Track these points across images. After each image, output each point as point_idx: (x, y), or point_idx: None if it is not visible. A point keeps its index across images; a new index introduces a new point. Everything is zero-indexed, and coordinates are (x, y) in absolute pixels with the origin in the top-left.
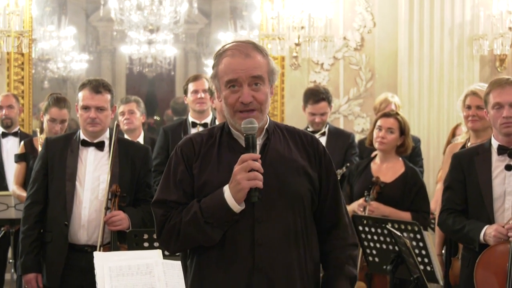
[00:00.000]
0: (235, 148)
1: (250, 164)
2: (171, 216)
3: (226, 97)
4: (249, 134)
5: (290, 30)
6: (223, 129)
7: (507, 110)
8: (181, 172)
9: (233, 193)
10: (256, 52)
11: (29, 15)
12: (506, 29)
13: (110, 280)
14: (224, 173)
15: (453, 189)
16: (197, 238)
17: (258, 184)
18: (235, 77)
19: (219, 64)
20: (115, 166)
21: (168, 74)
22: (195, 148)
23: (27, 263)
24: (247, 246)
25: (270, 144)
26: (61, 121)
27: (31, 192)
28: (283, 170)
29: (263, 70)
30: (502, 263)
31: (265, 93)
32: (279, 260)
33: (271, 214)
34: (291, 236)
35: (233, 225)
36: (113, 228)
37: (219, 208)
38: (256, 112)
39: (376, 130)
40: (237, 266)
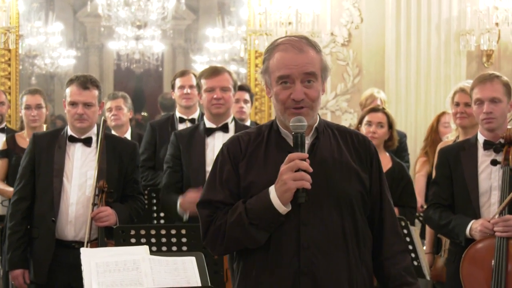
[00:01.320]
0: (283, 147)
1: (297, 163)
2: (217, 217)
3: (277, 93)
4: (297, 133)
5: (277, 25)
6: (271, 127)
7: (487, 106)
8: (227, 171)
9: (279, 194)
10: (310, 47)
11: (16, 11)
12: (493, 24)
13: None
14: (271, 173)
15: (439, 184)
16: (242, 240)
17: (305, 184)
18: (287, 73)
19: (270, 59)
20: (102, 162)
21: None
22: (241, 147)
23: (14, 259)
24: (293, 249)
25: (320, 143)
26: (36, 106)
27: (18, 188)
28: (333, 171)
29: (316, 67)
30: (488, 258)
31: (317, 90)
32: (325, 264)
33: (318, 216)
34: (339, 240)
35: (279, 227)
36: (100, 224)
37: (265, 209)
38: (307, 109)
39: (366, 125)
40: (282, 269)
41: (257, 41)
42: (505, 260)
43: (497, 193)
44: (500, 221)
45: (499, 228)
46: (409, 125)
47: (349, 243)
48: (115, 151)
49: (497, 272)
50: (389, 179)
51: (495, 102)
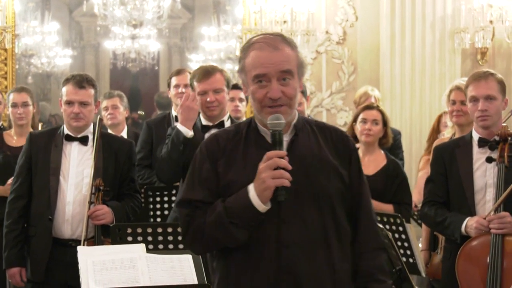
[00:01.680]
0: (262, 145)
1: (276, 161)
2: (196, 217)
3: (254, 92)
4: (275, 130)
5: (272, 24)
6: (250, 125)
7: (482, 103)
8: (206, 170)
9: (258, 192)
10: (285, 44)
11: (12, 11)
12: (487, 22)
13: (93, 274)
14: (250, 171)
15: (434, 182)
16: (222, 239)
17: (284, 182)
18: (263, 72)
19: (246, 58)
20: (98, 160)
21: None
22: (220, 145)
23: (11, 257)
24: (273, 248)
25: (299, 140)
26: (22, 104)
27: (15, 186)
28: (312, 168)
29: (292, 64)
30: (483, 255)
31: (294, 87)
32: (307, 262)
33: (298, 214)
34: (320, 237)
35: (259, 225)
36: (97, 222)
37: (244, 207)
38: (285, 107)
39: (361, 123)
40: (263, 268)
41: None
42: (500, 257)
43: (492, 190)
44: (496, 218)
45: (495, 225)
46: (403, 122)
47: (330, 240)
48: (111, 150)
49: (493, 269)
50: (384, 177)
51: (490, 99)
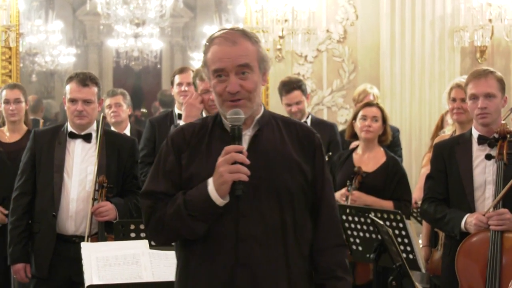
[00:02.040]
0: (225, 139)
1: (233, 156)
2: (158, 208)
3: (214, 86)
4: (234, 125)
5: (274, 23)
6: (215, 119)
7: (481, 101)
8: (170, 162)
9: (216, 186)
10: (244, 39)
11: (16, 10)
12: (486, 21)
13: (97, 270)
14: (212, 165)
15: (434, 179)
16: (181, 231)
17: (241, 177)
18: (221, 66)
19: (207, 53)
20: (102, 157)
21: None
22: (186, 138)
23: (16, 254)
24: (231, 241)
25: (262, 135)
26: (15, 100)
27: (19, 183)
28: (274, 163)
29: (251, 58)
30: (483, 251)
31: (253, 81)
32: (263, 256)
33: (257, 209)
34: (278, 232)
35: (218, 219)
36: (100, 219)
37: (203, 201)
38: (244, 101)
39: (361, 120)
40: (220, 261)
41: None
42: (499, 253)
43: (492, 187)
44: (495, 215)
45: (494, 222)
46: (403, 120)
47: (288, 236)
48: (115, 147)
49: (492, 265)
50: (384, 173)
51: (490, 97)
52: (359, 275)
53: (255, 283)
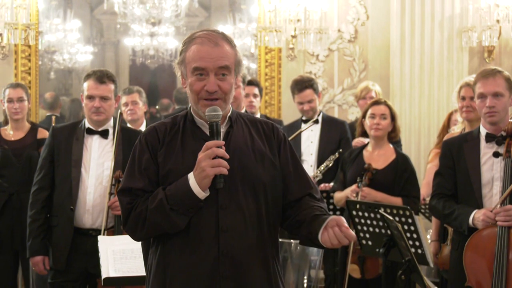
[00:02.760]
0: (198, 135)
1: (215, 151)
2: (137, 204)
3: (192, 84)
4: (213, 122)
5: (286, 22)
6: (186, 117)
7: (490, 100)
8: (146, 160)
9: (198, 180)
10: (225, 42)
11: (35, 9)
12: (494, 21)
13: (113, 262)
14: (188, 161)
15: (443, 175)
16: (163, 225)
17: (222, 171)
18: (203, 66)
19: (187, 51)
20: (118, 153)
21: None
22: (159, 136)
23: (35, 246)
24: (212, 232)
25: (233, 131)
26: (18, 99)
27: (38, 178)
28: (246, 157)
29: (231, 61)
30: (490, 246)
31: (230, 83)
32: (242, 245)
33: (234, 200)
34: (254, 222)
35: (198, 212)
36: (117, 213)
37: (185, 195)
38: (220, 101)
39: (369, 118)
40: (202, 251)
41: (267, 37)
42: (506, 248)
43: (499, 184)
44: (502, 211)
45: (501, 218)
46: (413, 118)
47: (263, 224)
48: (131, 143)
49: (499, 260)
50: (393, 170)
51: (498, 96)
52: (369, 269)
53: (237, 270)
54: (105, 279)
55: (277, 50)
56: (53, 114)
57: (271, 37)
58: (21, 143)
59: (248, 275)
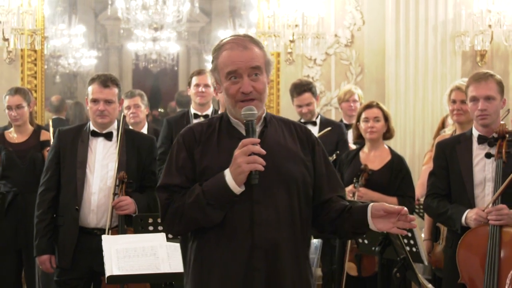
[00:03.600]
0: (234, 135)
1: (250, 148)
2: (174, 200)
3: (227, 88)
4: (248, 121)
5: (285, 28)
6: (222, 119)
7: (482, 103)
8: (183, 158)
9: (234, 176)
10: (253, 44)
11: (41, 14)
12: (486, 26)
13: (117, 261)
14: (223, 158)
15: (437, 175)
16: (199, 219)
17: (257, 167)
18: (235, 69)
19: (218, 58)
20: (122, 155)
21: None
22: (195, 136)
23: (42, 245)
24: (246, 226)
25: (268, 131)
26: (16, 106)
27: (44, 179)
28: (279, 155)
29: (261, 61)
30: (482, 244)
31: (263, 82)
32: (276, 238)
33: (268, 195)
34: (287, 216)
35: (233, 206)
36: (121, 213)
37: (221, 190)
38: (256, 101)
39: (363, 122)
40: (237, 244)
41: (266, 42)
42: (498, 246)
43: (491, 184)
44: (494, 210)
45: (493, 217)
46: (407, 120)
47: (296, 220)
48: (134, 145)
49: (491, 257)
50: (389, 171)
51: (490, 99)
52: (365, 267)
53: (269, 263)
54: (109, 277)
55: (275, 54)
56: (59, 117)
57: (270, 42)
58: (25, 145)
59: (279, 268)
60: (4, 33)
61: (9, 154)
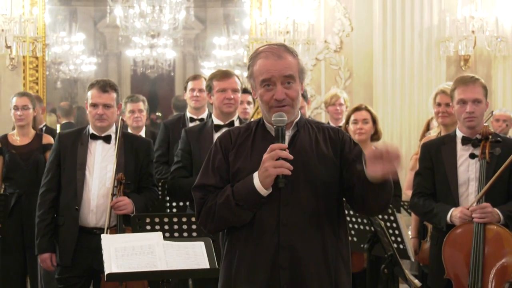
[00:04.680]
0: (267, 138)
1: (278, 153)
2: (208, 199)
3: (262, 95)
4: (278, 126)
5: (276, 34)
6: (259, 123)
7: (470, 106)
8: (219, 160)
9: (261, 179)
10: (287, 53)
11: (42, 23)
12: (470, 32)
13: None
14: (256, 160)
15: (422, 175)
16: (230, 218)
17: (284, 171)
18: (269, 77)
19: (254, 65)
20: (120, 157)
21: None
22: (232, 139)
23: (43, 244)
24: (273, 226)
25: (299, 135)
26: (22, 107)
27: (45, 180)
28: (309, 159)
29: (294, 70)
30: (467, 241)
31: (296, 90)
32: (302, 239)
33: (296, 198)
34: (314, 218)
35: (262, 207)
36: (119, 212)
37: (249, 192)
38: (288, 107)
39: (352, 124)
40: (264, 243)
41: None
42: (482, 243)
43: (474, 183)
44: (478, 209)
45: (477, 215)
46: (394, 122)
47: (323, 222)
48: (132, 148)
49: (475, 254)
50: None
51: (477, 102)
52: (354, 264)
53: (295, 263)
54: (108, 275)
55: None
56: (69, 121)
57: None
58: (28, 148)
59: (304, 269)
60: (7, 41)
61: (13, 156)
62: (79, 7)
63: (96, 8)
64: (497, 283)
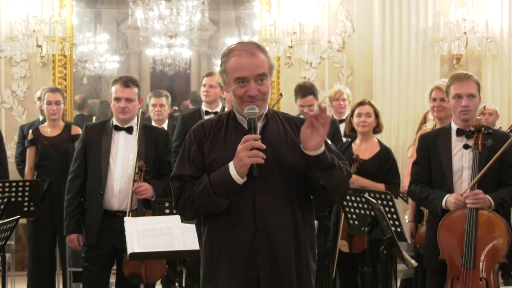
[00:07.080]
0: (239, 130)
1: (252, 143)
2: (186, 189)
3: (235, 90)
4: (251, 118)
5: (284, 35)
6: (229, 115)
7: (465, 100)
8: (194, 151)
9: (237, 169)
10: (259, 51)
11: (70, 24)
12: (462, 33)
13: (137, 240)
14: (229, 151)
15: (419, 165)
16: (207, 206)
17: (258, 160)
18: (243, 75)
19: (227, 62)
20: (141, 146)
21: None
22: (205, 131)
23: (71, 226)
24: (249, 212)
25: (269, 126)
26: (55, 102)
27: (73, 168)
28: (279, 148)
29: (266, 67)
30: (460, 225)
31: (267, 85)
32: (276, 223)
33: (269, 185)
34: (287, 204)
35: (237, 195)
36: (140, 197)
37: (225, 181)
38: (260, 102)
39: (356, 117)
40: (242, 229)
41: (268, 48)
42: (474, 227)
43: (468, 172)
44: (471, 195)
45: (470, 201)
46: (392, 116)
47: (294, 206)
48: (152, 138)
49: (468, 237)
50: (377, 160)
51: (471, 97)
52: (356, 245)
53: (271, 245)
54: (130, 254)
55: (276, 58)
56: (82, 113)
57: (271, 48)
58: (58, 138)
59: (280, 251)
60: (38, 40)
61: (45, 146)
62: (104, 10)
63: (119, 10)
64: (488, 264)
